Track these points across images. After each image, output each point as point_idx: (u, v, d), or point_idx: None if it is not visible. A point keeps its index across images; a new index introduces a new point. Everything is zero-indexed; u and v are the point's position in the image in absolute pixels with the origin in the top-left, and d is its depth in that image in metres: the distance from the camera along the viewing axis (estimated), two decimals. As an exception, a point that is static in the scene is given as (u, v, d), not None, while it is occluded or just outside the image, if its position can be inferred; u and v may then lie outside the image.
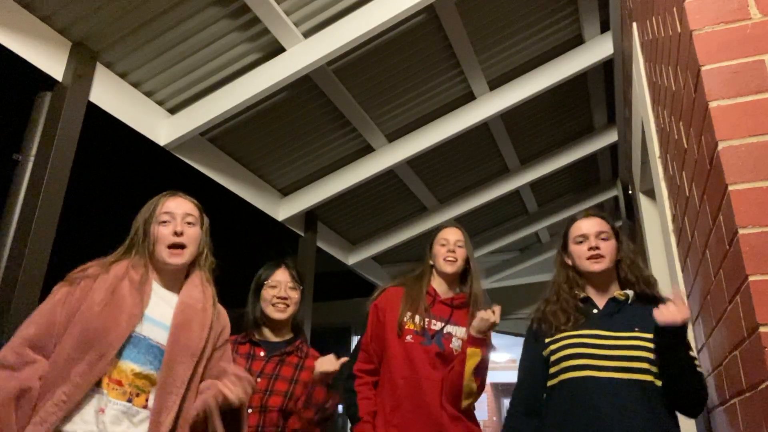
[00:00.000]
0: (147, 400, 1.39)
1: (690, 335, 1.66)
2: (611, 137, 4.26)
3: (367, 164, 3.84)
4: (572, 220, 1.84)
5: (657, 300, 1.66)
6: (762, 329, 0.97)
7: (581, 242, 1.75)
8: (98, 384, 1.35)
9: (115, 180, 4.89)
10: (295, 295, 2.08)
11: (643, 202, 2.95)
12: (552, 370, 1.69)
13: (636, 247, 1.82)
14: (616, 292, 1.72)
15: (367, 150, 3.82)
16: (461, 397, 1.97)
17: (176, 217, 1.55)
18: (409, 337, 2.04)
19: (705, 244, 1.31)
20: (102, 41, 2.53)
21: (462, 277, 2.20)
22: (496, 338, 2.15)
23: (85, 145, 2.42)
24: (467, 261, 2.17)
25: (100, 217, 5.16)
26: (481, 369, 1.98)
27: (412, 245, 5.20)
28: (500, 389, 14.27)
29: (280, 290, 2.05)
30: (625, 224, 4.78)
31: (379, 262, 5.45)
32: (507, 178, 4.61)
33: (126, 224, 1.61)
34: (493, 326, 1.94)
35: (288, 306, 2.05)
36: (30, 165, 2.26)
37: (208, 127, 3.03)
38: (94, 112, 2.56)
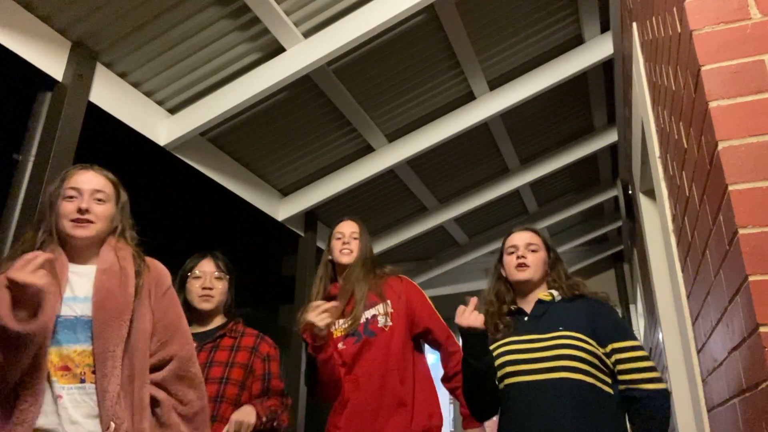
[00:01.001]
0: None
1: (689, 335, 1.66)
2: (611, 137, 4.26)
3: (367, 164, 3.84)
4: (507, 233, 1.97)
5: (584, 297, 1.78)
6: (762, 329, 0.97)
7: (512, 253, 1.88)
8: (48, 376, 1.34)
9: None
10: (220, 285, 2.06)
11: (643, 202, 2.95)
12: (497, 380, 1.77)
13: (563, 263, 1.94)
14: (540, 293, 1.82)
15: (367, 150, 3.82)
16: None
17: (83, 193, 1.49)
18: (341, 345, 2.06)
19: (705, 244, 1.31)
20: (102, 41, 2.53)
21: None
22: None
23: (85, 145, 2.42)
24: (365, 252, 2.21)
25: (100, 217, 5.15)
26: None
27: (412, 245, 5.20)
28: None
29: (204, 280, 2.03)
30: (625, 224, 4.79)
31: (380, 262, 5.44)
32: (507, 178, 4.60)
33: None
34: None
35: (213, 297, 2.02)
36: (30, 165, 2.26)
37: (208, 127, 3.03)
38: (94, 112, 2.56)
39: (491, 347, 1.79)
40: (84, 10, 2.37)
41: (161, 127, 2.98)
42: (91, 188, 1.51)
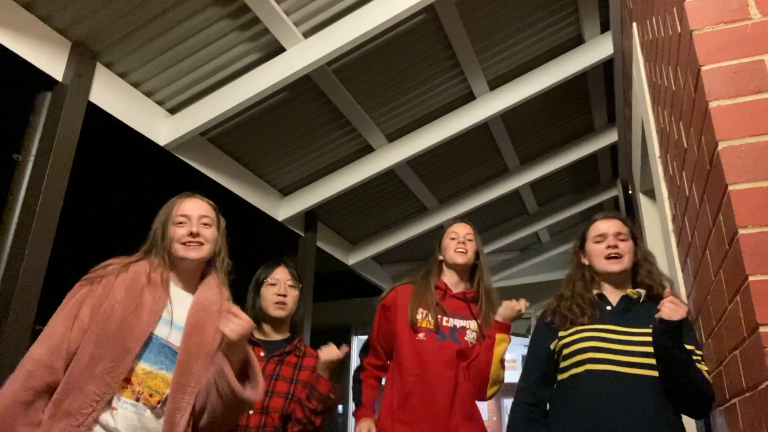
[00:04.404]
0: (159, 401, 1.40)
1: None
2: (611, 137, 4.26)
3: (367, 164, 3.84)
4: (592, 221, 1.86)
5: None
6: (762, 329, 0.97)
7: (600, 242, 1.78)
8: None
9: (115, 180, 4.89)
10: (294, 293, 2.09)
11: (643, 202, 2.95)
12: (563, 364, 1.70)
13: (651, 252, 1.83)
14: (629, 290, 1.74)
15: (367, 150, 3.82)
16: (487, 385, 2.00)
17: (192, 219, 1.59)
18: (421, 335, 2.05)
19: (705, 244, 1.31)
20: (102, 41, 2.53)
21: (471, 273, 2.22)
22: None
23: (85, 145, 2.42)
24: (477, 255, 2.20)
25: (100, 217, 5.16)
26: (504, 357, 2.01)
27: (412, 245, 5.20)
28: (501, 389, 14.25)
29: (279, 288, 2.06)
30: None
31: (379, 262, 5.45)
32: (507, 178, 4.61)
33: (126, 224, 1.62)
34: (519, 315, 1.98)
35: (287, 304, 2.05)
36: (30, 165, 2.26)
37: (208, 127, 3.03)
38: (94, 112, 2.56)
39: (573, 329, 1.71)
40: (84, 10, 2.37)
41: (161, 127, 2.98)
42: (198, 214, 1.61)
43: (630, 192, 3.82)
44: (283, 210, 3.97)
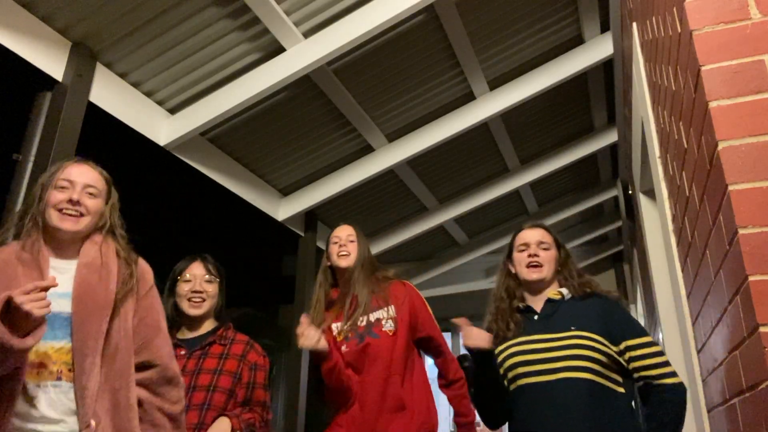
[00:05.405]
0: None
1: (689, 335, 1.66)
2: (611, 137, 4.26)
3: (367, 164, 3.84)
4: (518, 229, 1.92)
5: (596, 295, 1.73)
6: (762, 329, 0.97)
7: (523, 250, 1.84)
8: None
9: (115, 180, 4.89)
10: (210, 289, 2.02)
11: (643, 202, 2.95)
12: (505, 381, 1.74)
13: (574, 260, 1.89)
14: (550, 292, 1.78)
15: (367, 150, 3.82)
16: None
17: (76, 186, 1.46)
18: (344, 348, 2.06)
19: (705, 244, 1.31)
20: (102, 41, 2.53)
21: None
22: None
23: (85, 145, 2.42)
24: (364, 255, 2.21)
25: (100, 217, 5.15)
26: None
27: (412, 245, 5.20)
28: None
29: (194, 284, 1.99)
30: (625, 224, 4.78)
31: (379, 262, 5.44)
32: (507, 178, 4.61)
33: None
34: None
35: (204, 300, 1.99)
36: (30, 165, 2.26)
37: (208, 127, 3.03)
38: (94, 112, 2.56)
39: (502, 347, 1.75)
40: (84, 10, 2.37)
41: (161, 127, 2.98)
42: (84, 182, 1.48)
43: (630, 192, 3.82)
44: (283, 210, 3.97)
